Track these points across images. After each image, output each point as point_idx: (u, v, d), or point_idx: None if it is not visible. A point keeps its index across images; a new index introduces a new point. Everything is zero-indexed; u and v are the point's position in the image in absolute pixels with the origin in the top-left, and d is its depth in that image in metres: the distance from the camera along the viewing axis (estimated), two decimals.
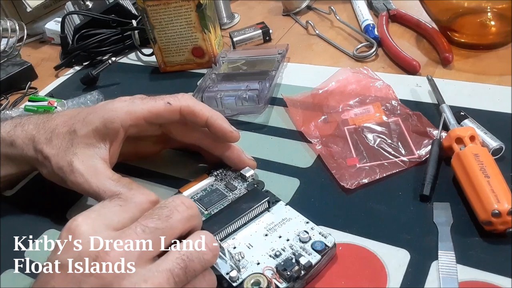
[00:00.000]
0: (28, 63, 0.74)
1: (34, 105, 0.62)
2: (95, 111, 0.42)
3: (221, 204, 0.42)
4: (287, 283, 0.34)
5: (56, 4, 0.89)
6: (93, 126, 0.41)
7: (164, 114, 0.42)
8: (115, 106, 0.42)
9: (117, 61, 0.71)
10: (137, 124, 0.42)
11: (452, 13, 0.59)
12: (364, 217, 0.40)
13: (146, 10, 0.62)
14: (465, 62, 0.57)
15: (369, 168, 0.44)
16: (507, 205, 0.35)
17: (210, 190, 0.43)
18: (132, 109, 0.41)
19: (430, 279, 0.34)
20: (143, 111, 0.41)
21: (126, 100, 0.42)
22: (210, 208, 0.41)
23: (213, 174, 0.45)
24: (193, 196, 0.43)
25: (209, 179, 0.45)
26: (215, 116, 0.43)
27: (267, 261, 0.36)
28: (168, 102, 0.42)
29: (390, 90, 0.53)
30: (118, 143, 0.43)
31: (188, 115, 0.42)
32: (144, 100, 0.42)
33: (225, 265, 0.35)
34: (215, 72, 0.61)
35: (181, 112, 0.42)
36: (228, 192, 0.43)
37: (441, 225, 0.38)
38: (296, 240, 0.37)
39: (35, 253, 0.43)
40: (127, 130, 0.42)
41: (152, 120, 0.42)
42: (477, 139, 0.42)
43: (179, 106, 0.42)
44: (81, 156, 0.40)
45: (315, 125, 0.50)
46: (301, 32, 0.72)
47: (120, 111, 0.41)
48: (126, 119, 0.41)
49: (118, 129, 0.41)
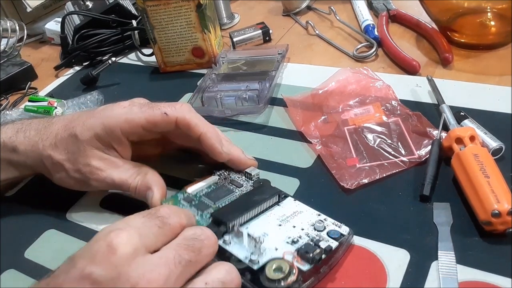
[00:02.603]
0: (28, 63, 0.74)
1: (34, 105, 0.62)
2: (95, 116, 0.43)
3: (229, 199, 0.42)
4: (309, 264, 0.34)
5: (56, 4, 0.89)
6: (94, 131, 0.42)
7: (161, 124, 0.42)
8: (114, 113, 0.42)
9: (117, 61, 0.71)
10: (136, 132, 0.42)
11: (452, 13, 0.59)
12: (364, 217, 0.40)
13: (146, 10, 0.62)
14: (465, 62, 0.57)
15: (369, 168, 0.44)
16: (507, 205, 0.35)
17: (216, 187, 0.43)
18: (131, 117, 0.42)
19: (430, 279, 0.34)
20: (140, 120, 0.42)
21: (125, 107, 0.43)
22: (218, 202, 0.41)
23: (217, 174, 0.45)
24: (198, 192, 0.43)
25: (213, 177, 0.44)
26: (209, 133, 0.42)
27: (286, 246, 0.36)
28: (165, 112, 0.42)
29: (390, 90, 0.53)
30: (126, 148, 0.43)
31: (183, 127, 0.42)
32: (143, 108, 0.42)
33: (243, 251, 0.35)
34: (215, 72, 0.61)
35: (177, 123, 0.42)
36: (235, 189, 0.43)
37: (441, 225, 0.38)
38: (311, 229, 0.37)
39: (35, 253, 0.43)
40: (128, 137, 0.43)
41: (150, 128, 0.42)
42: (477, 139, 0.42)
43: (175, 117, 0.42)
44: (94, 157, 0.42)
45: (315, 125, 0.50)
46: (301, 32, 0.72)
47: (119, 119, 0.42)
48: (125, 127, 0.42)
49: (120, 137, 0.42)
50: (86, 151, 0.42)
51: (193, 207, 0.41)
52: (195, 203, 0.42)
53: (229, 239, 0.37)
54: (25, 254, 0.43)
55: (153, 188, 0.42)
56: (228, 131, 0.54)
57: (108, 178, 0.42)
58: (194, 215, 0.40)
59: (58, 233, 0.45)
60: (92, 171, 0.42)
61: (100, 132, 0.42)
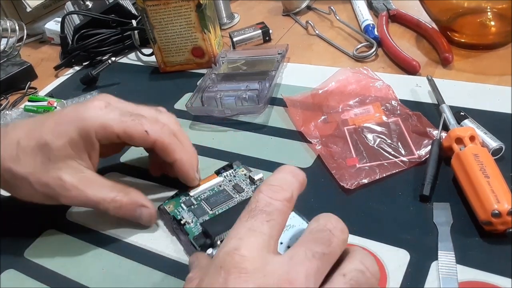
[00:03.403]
0: (28, 63, 0.74)
1: (34, 105, 0.62)
2: (66, 120, 0.39)
3: (227, 205, 0.42)
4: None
5: (56, 4, 0.89)
6: (68, 137, 0.39)
7: (138, 140, 0.40)
8: (89, 115, 0.39)
9: (117, 61, 0.71)
10: (109, 138, 0.40)
11: (452, 13, 0.59)
12: (364, 217, 0.40)
13: (146, 10, 0.62)
14: (465, 62, 0.57)
15: (369, 168, 0.44)
16: (507, 205, 0.35)
17: (217, 190, 0.43)
18: (108, 123, 0.39)
19: (430, 279, 0.34)
20: (118, 129, 0.39)
21: (101, 109, 0.40)
22: (215, 208, 0.41)
23: (222, 175, 0.45)
24: (200, 195, 0.43)
25: (218, 178, 0.44)
26: (183, 160, 0.41)
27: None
28: (146, 130, 0.40)
29: (390, 90, 0.53)
30: (96, 153, 0.41)
31: (159, 150, 0.41)
32: (124, 117, 0.40)
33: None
34: (215, 72, 0.61)
35: (154, 145, 0.40)
36: (235, 194, 0.43)
37: (441, 225, 0.38)
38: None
39: (35, 253, 0.43)
40: (100, 141, 0.40)
41: (125, 140, 0.40)
42: (477, 139, 0.42)
43: (154, 139, 0.40)
44: (67, 170, 0.39)
45: (315, 125, 0.50)
46: (301, 32, 0.72)
47: (95, 123, 0.39)
48: (100, 132, 0.39)
49: (94, 141, 0.40)
50: (57, 162, 0.38)
51: (190, 212, 0.41)
52: (193, 208, 0.42)
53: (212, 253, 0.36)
54: (25, 254, 0.43)
55: (147, 204, 0.41)
56: (228, 131, 0.54)
57: (82, 196, 0.39)
58: (189, 221, 0.40)
59: (58, 233, 0.45)
60: (63, 187, 0.38)
61: (75, 137, 0.39)
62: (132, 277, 0.39)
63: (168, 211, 0.42)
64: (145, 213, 0.42)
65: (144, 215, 0.42)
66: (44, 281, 0.40)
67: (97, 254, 0.42)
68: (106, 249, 0.42)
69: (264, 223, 0.28)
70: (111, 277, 0.39)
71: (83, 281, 0.39)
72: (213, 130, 0.54)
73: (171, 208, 0.42)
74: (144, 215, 0.42)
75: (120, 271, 0.40)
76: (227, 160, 0.48)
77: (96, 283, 0.39)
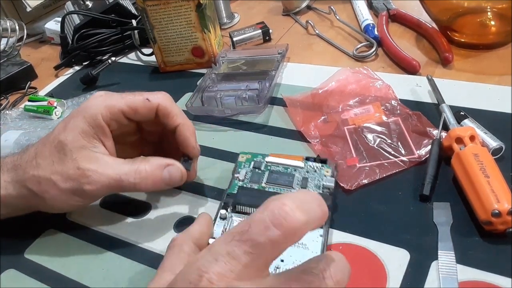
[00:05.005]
0: (28, 63, 0.74)
1: (34, 105, 0.62)
2: (72, 115, 0.41)
3: (280, 189, 0.41)
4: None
5: (56, 4, 0.89)
6: (79, 129, 0.40)
7: (142, 110, 0.41)
8: (92, 103, 0.41)
9: (117, 61, 0.71)
10: (116, 118, 0.41)
11: (452, 13, 0.59)
12: (364, 217, 0.40)
13: (146, 10, 0.62)
14: (465, 62, 0.57)
15: (369, 168, 0.44)
16: (507, 205, 0.35)
17: (288, 172, 0.43)
18: (111, 103, 0.41)
19: (430, 279, 0.34)
20: (121, 105, 0.41)
21: (102, 95, 0.42)
22: (269, 184, 0.42)
23: (307, 163, 0.44)
24: (272, 165, 0.44)
25: (299, 163, 0.43)
26: (186, 125, 0.42)
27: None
28: (147, 98, 0.41)
29: (390, 90, 0.53)
30: (109, 139, 0.41)
31: (163, 115, 0.42)
32: (123, 94, 0.42)
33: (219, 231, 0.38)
34: (215, 72, 0.61)
35: (157, 110, 0.42)
36: (296, 185, 0.41)
37: (441, 225, 0.38)
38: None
39: (35, 253, 0.43)
40: (109, 124, 0.41)
41: (130, 115, 0.41)
42: (477, 139, 0.42)
43: (157, 104, 0.41)
44: (83, 159, 0.39)
45: (315, 125, 0.50)
46: (301, 32, 0.72)
47: (100, 106, 0.40)
48: (106, 112, 0.40)
49: (102, 124, 0.40)
50: (72, 154, 0.39)
51: (250, 172, 0.43)
52: (257, 171, 0.43)
53: (225, 215, 0.39)
54: (25, 254, 0.43)
55: (171, 162, 0.41)
56: (228, 130, 0.54)
57: (103, 177, 0.39)
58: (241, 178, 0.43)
59: (58, 233, 0.45)
60: (83, 175, 0.39)
61: (84, 126, 0.40)
62: (132, 277, 0.39)
63: (238, 159, 0.45)
64: (173, 171, 0.41)
65: (174, 173, 0.41)
66: (44, 281, 0.40)
67: (97, 254, 0.42)
68: (106, 249, 0.42)
69: (246, 255, 0.25)
70: (111, 277, 0.39)
71: (83, 281, 0.39)
72: (213, 130, 0.54)
73: (243, 159, 0.45)
74: (173, 173, 0.40)
75: (120, 271, 0.40)
76: (227, 160, 0.48)
77: (96, 283, 0.39)
